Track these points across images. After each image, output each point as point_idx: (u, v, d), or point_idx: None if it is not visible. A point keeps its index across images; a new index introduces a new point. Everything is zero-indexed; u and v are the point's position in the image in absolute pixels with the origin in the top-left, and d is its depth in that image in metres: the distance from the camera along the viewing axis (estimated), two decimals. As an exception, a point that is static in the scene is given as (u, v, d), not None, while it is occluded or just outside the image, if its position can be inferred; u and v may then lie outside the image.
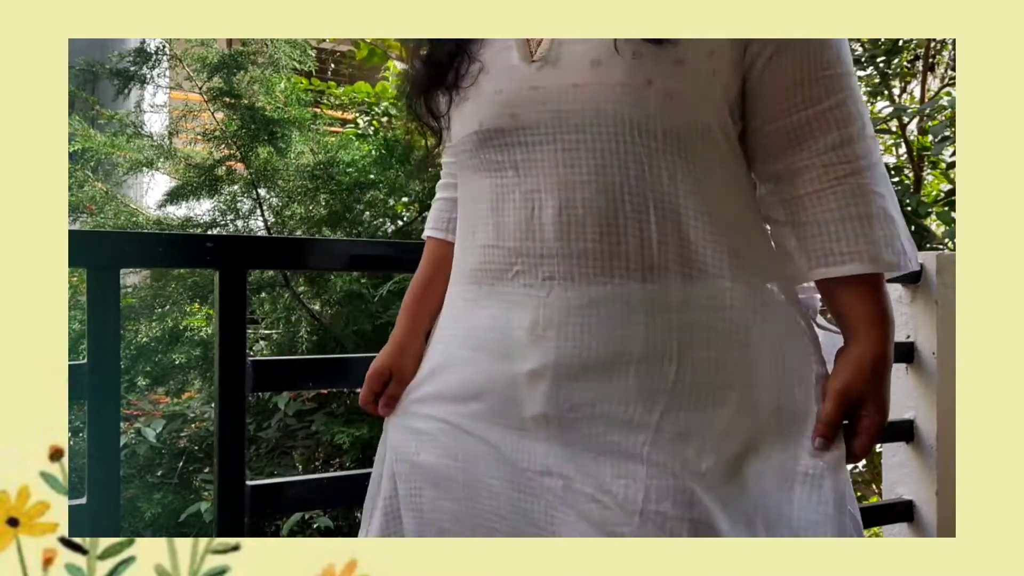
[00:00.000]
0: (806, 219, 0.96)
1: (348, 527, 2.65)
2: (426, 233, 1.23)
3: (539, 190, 0.92)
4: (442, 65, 1.00)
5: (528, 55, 0.93)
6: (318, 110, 3.52)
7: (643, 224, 0.90)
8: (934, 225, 3.76)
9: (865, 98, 4.04)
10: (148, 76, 3.07)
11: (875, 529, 2.92)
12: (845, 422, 0.98)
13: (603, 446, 0.92)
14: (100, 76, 3.09)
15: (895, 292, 2.27)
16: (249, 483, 1.43)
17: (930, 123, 3.64)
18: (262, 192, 2.92)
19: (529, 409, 0.95)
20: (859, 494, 4.04)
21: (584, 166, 0.90)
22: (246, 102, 2.87)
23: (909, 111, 3.74)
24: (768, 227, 1.01)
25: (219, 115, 2.94)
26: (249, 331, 2.08)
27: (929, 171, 4.06)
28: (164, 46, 3.05)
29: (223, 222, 2.96)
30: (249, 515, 1.42)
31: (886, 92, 3.96)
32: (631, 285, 0.90)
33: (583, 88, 0.90)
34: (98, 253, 1.34)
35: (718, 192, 0.94)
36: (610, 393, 0.92)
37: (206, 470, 2.69)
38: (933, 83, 4.01)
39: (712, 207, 0.92)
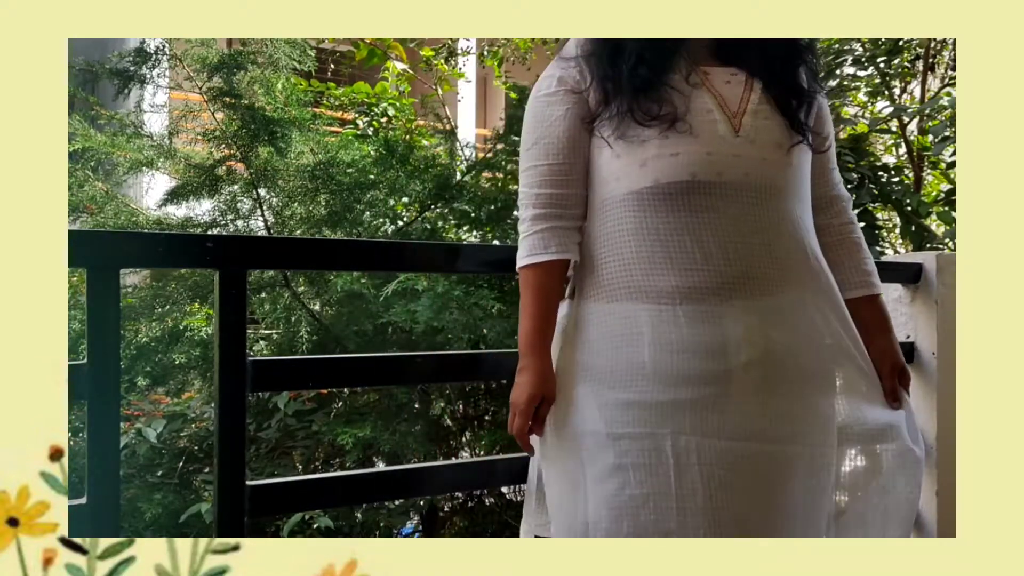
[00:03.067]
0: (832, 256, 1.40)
1: (348, 527, 2.65)
2: (554, 257, 1.31)
3: (739, 230, 1.24)
4: (650, 115, 1.24)
5: (733, 131, 1.25)
6: (318, 110, 3.52)
7: (802, 253, 1.29)
8: (934, 225, 3.76)
9: (865, 98, 4.05)
10: (148, 76, 3.06)
11: (875, 529, 2.91)
12: None
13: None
14: (100, 76, 3.09)
15: (895, 292, 2.27)
16: (249, 483, 1.43)
17: (930, 123, 3.64)
18: (262, 192, 2.92)
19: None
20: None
21: (766, 214, 1.26)
22: (246, 102, 2.87)
23: (909, 111, 3.74)
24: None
25: (219, 115, 2.94)
26: (249, 331, 2.07)
27: (929, 171, 4.06)
28: (164, 46, 3.04)
29: (223, 222, 2.96)
30: (249, 515, 1.42)
31: (886, 92, 3.97)
32: (798, 293, 1.28)
33: (768, 162, 1.27)
34: (98, 253, 1.34)
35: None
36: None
37: (206, 470, 2.69)
38: (933, 83, 4.02)
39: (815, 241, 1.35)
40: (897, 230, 3.81)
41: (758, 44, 1.27)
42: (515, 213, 3.10)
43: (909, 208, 3.46)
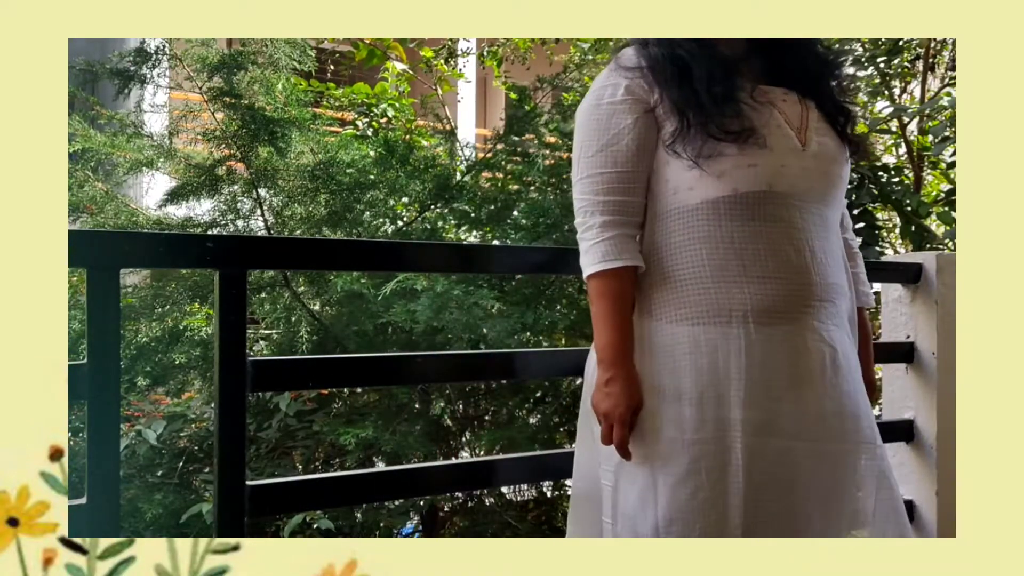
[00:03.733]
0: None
1: (348, 527, 2.65)
2: (627, 263, 1.32)
3: (805, 238, 1.30)
4: (728, 130, 1.27)
5: (801, 145, 1.32)
6: (318, 110, 3.51)
7: (844, 262, 1.39)
8: (934, 225, 3.76)
9: (865, 98, 4.06)
10: (148, 76, 3.06)
11: (875, 529, 2.91)
12: None
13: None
14: (100, 76, 3.09)
15: (895, 292, 2.27)
16: (249, 483, 1.43)
17: (930, 123, 3.64)
18: (262, 192, 2.92)
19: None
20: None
21: (821, 224, 1.33)
22: (246, 102, 2.87)
23: (909, 111, 3.74)
24: None
25: (219, 115, 2.94)
26: (249, 331, 2.08)
27: (929, 171, 4.06)
28: (164, 46, 3.04)
29: (223, 222, 2.96)
30: (249, 515, 1.42)
31: (886, 92, 3.96)
32: (844, 299, 1.37)
33: (827, 175, 1.34)
34: (98, 253, 1.34)
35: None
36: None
37: (206, 470, 2.69)
38: (933, 83, 4.02)
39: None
40: (897, 230, 3.81)
41: (802, 64, 1.35)
42: (518, 216, 3.11)
43: (909, 208, 3.46)
